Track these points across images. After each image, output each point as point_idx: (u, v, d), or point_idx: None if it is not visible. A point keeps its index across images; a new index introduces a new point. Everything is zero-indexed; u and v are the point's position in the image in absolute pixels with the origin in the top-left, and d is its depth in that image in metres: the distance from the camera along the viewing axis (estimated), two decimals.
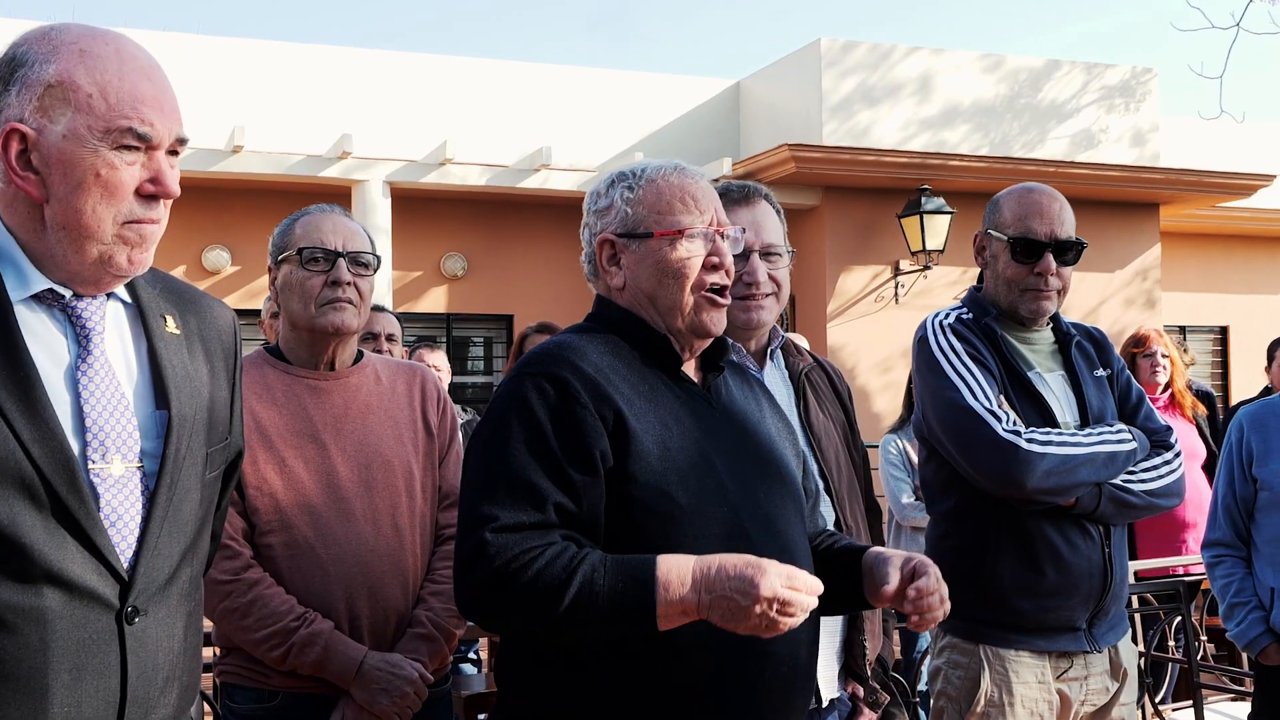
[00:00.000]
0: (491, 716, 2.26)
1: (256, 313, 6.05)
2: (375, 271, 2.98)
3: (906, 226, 11.71)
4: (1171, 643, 4.67)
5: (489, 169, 11.73)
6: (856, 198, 12.23)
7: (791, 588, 1.91)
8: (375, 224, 11.27)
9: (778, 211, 2.85)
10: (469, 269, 12.58)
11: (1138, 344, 5.91)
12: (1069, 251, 3.11)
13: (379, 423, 2.91)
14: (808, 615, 1.93)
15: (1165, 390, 5.87)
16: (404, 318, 11.96)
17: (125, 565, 1.73)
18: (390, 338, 5.27)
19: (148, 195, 1.76)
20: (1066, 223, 3.11)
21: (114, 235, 1.74)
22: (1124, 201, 13.09)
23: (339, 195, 10.95)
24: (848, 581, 2.26)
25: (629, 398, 2.11)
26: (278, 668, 2.73)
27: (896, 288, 12.35)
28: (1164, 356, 5.84)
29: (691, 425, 2.15)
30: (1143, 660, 4.49)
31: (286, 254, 2.90)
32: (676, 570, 1.93)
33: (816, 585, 1.94)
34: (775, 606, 1.89)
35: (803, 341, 6.37)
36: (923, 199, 11.58)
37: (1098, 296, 13.11)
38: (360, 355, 3.02)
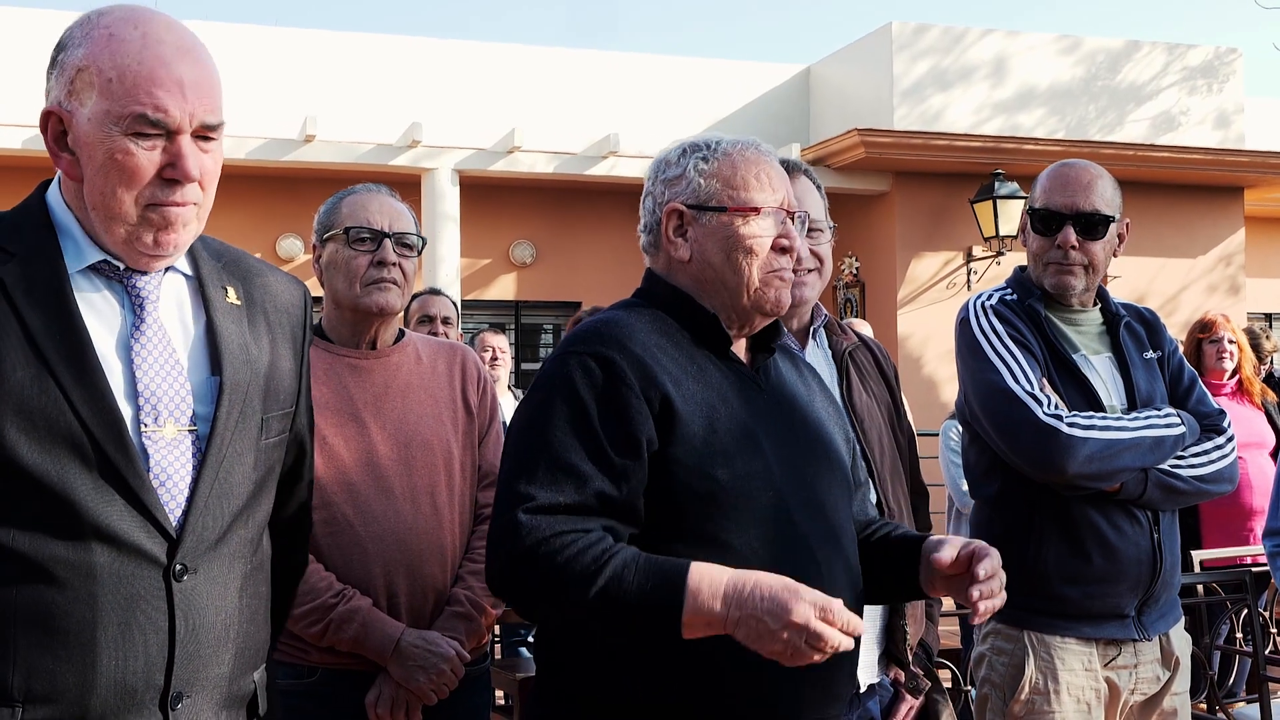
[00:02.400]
0: (531, 695, 2.24)
1: None
2: (420, 253, 2.99)
3: (979, 212, 11.56)
4: (1240, 635, 4.55)
5: (557, 156, 11.76)
6: (928, 183, 12.09)
7: (826, 620, 1.86)
8: (444, 212, 11.36)
9: (818, 187, 2.83)
10: (537, 256, 12.63)
11: (1204, 329, 5.76)
12: (1095, 226, 3.02)
13: (419, 402, 2.91)
14: (836, 652, 1.87)
15: (1233, 376, 5.72)
16: (472, 305, 12.18)
17: (175, 524, 1.78)
18: (446, 320, 5.31)
19: (170, 179, 1.79)
20: (1093, 196, 3.02)
21: (138, 216, 1.79)
22: (1206, 185, 12.82)
23: (408, 183, 11.04)
24: (905, 569, 2.22)
25: (676, 378, 2.08)
26: (316, 644, 2.74)
27: (968, 274, 12.19)
28: (1231, 342, 5.69)
29: (739, 406, 2.12)
30: (1209, 653, 4.39)
31: (332, 232, 2.91)
32: (709, 580, 1.89)
33: (856, 625, 1.89)
34: (805, 636, 1.84)
35: (866, 328, 6.33)
36: (996, 183, 11.42)
37: (1179, 283, 12.87)
38: (401, 334, 3.03)
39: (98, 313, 1.81)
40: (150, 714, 1.77)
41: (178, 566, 1.77)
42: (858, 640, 2.13)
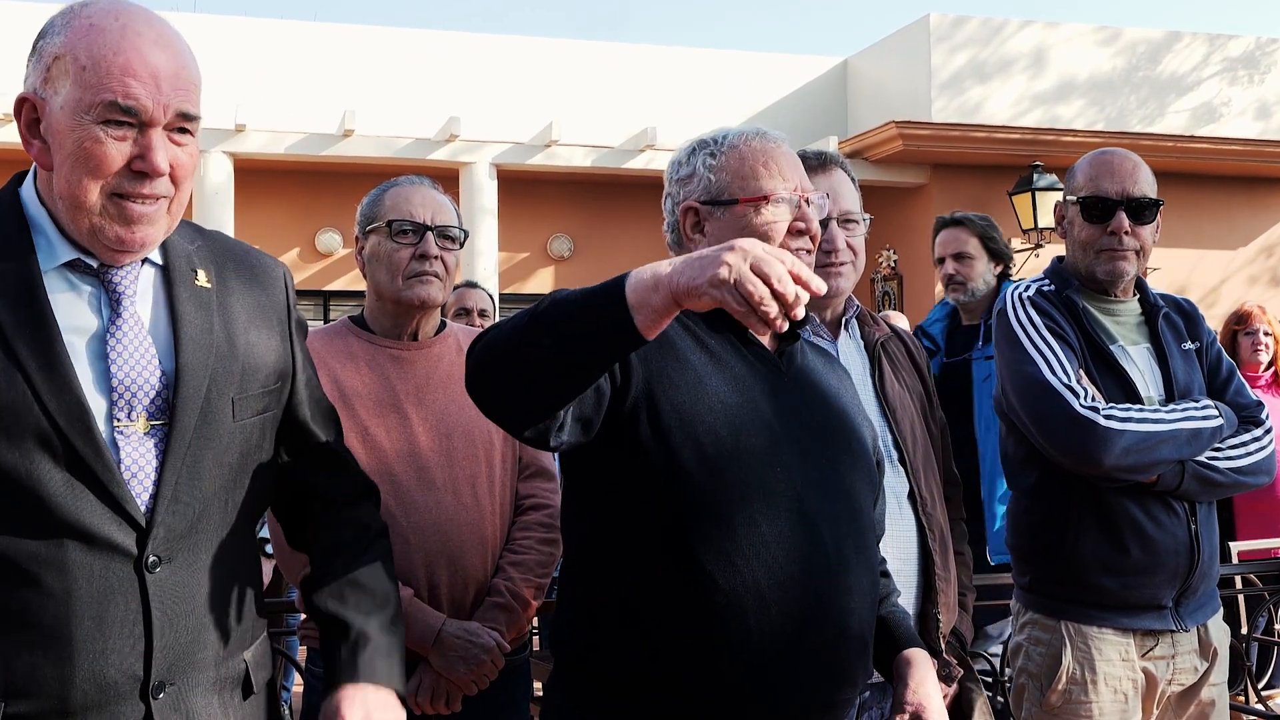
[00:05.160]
0: (548, 686, 2.27)
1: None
2: (462, 246, 3.00)
3: (1018, 204, 11.50)
4: (1278, 626, 4.53)
5: (594, 150, 11.78)
6: (966, 175, 12.04)
7: (778, 259, 1.70)
8: (482, 206, 11.41)
9: (853, 179, 2.84)
10: (575, 250, 12.66)
11: (1240, 321, 5.72)
12: (1144, 211, 3.03)
13: (460, 393, 2.89)
14: (782, 303, 1.69)
15: (1269, 369, 5.68)
16: (510, 299, 12.24)
17: (144, 515, 1.78)
18: (483, 314, 5.35)
19: (138, 171, 1.79)
20: (1140, 181, 3.03)
21: (101, 207, 1.79)
22: (1247, 176, 12.72)
23: (447, 177, 11.08)
24: (879, 652, 2.28)
25: (691, 350, 2.13)
26: None
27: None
28: (1267, 335, 5.65)
29: (752, 385, 2.15)
30: (1247, 644, 4.37)
31: (375, 225, 2.93)
32: (649, 265, 1.77)
33: (814, 281, 1.71)
34: (748, 259, 1.69)
35: (901, 320, 6.33)
36: (1035, 175, 11.35)
37: (1219, 274, 12.76)
38: (443, 325, 3.05)
39: (73, 309, 1.81)
40: (132, 704, 1.78)
41: (150, 558, 1.78)
42: (863, 625, 2.15)
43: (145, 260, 1.90)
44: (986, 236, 4.68)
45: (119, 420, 1.79)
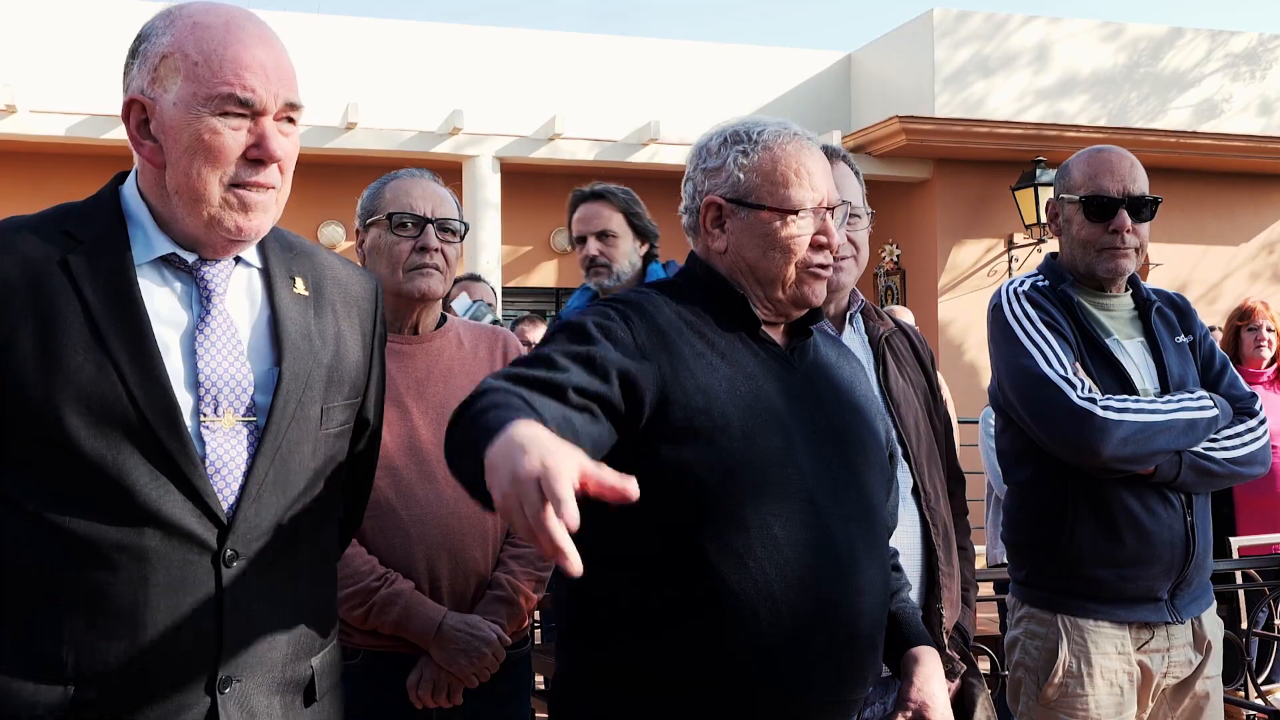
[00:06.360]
0: (553, 684, 2.27)
1: None
2: (462, 238, 3.01)
3: (1020, 199, 11.52)
4: (1278, 621, 4.54)
5: (598, 144, 11.77)
6: (969, 170, 12.04)
7: (549, 497, 1.58)
8: (485, 199, 11.41)
9: (856, 173, 2.84)
10: None
11: (1242, 317, 5.73)
12: (1143, 208, 3.04)
13: (461, 386, 2.92)
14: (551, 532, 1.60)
15: (1271, 364, 5.69)
16: (514, 292, 12.23)
17: (227, 511, 1.81)
18: (488, 306, 5.36)
19: (254, 160, 1.84)
20: (1139, 179, 3.05)
21: (220, 199, 1.83)
22: (1249, 173, 12.71)
23: (450, 171, 11.07)
24: (888, 648, 2.28)
25: (700, 350, 2.12)
26: (359, 627, 2.76)
27: (1010, 262, 12.14)
28: (1269, 330, 5.66)
29: (765, 383, 2.15)
30: (1246, 639, 4.38)
31: (375, 218, 2.93)
32: (509, 431, 1.66)
33: (570, 518, 1.59)
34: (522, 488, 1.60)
35: (907, 315, 6.31)
36: (1038, 171, 11.37)
37: (1221, 271, 12.76)
38: (443, 319, 3.06)
39: (164, 304, 1.85)
40: (198, 696, 1.80)
41: (228, 552, 1.80)
42: (873, 624, 2.15)
43: (239, 260, 1.94)
44: (630, 212, 4.17)
45: (205, 415, 1.82)
